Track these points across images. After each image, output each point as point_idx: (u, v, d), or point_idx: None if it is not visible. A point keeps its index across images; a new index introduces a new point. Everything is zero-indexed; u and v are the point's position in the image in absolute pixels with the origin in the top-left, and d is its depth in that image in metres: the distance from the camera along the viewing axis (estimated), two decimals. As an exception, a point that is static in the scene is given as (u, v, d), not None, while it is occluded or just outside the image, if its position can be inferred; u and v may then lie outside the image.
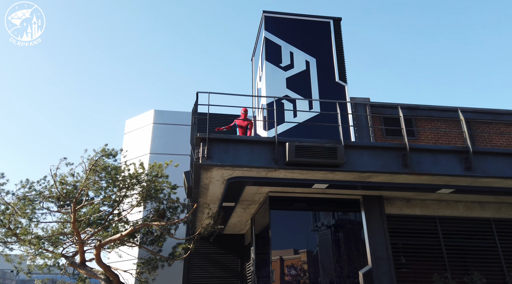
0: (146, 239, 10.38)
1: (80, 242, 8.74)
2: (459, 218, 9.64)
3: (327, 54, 10.89)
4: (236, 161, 7.42)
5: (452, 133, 10.60)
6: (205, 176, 7.87)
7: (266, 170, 7.67)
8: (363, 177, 8.13)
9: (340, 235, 9.04)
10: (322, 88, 10.39)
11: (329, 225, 9.15)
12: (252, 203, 9.97)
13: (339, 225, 9.20)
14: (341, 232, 9.09)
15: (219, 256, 13.58)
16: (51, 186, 9.52)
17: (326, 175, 7.97)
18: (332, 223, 9.18)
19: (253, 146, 7.66)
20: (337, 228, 9.13)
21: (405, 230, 9.38)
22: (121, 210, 10.02)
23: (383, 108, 10.58)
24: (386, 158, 7.96)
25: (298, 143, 7.52)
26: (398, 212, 9.45)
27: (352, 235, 9.06)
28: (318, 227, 9.15)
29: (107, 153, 8.61)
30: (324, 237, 8.99)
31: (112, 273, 9.04)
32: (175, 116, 15.66)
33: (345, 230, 9.14)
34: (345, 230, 9.14)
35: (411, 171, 7.87)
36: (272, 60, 10.55)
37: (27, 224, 8.73)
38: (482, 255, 9.40)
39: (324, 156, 7.53)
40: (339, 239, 8.98)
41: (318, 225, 9.19)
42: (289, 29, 11.06)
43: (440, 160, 8.09)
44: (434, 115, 10.73)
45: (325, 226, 9.14)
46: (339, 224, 9.22)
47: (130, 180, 9.20)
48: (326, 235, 9.02)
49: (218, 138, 7.51)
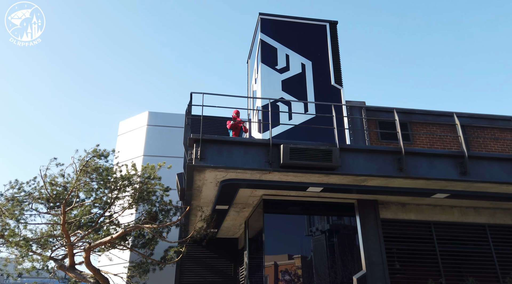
0: (137, 242, 10.20)
1: (70, 244, 8.55)
2: (454, 223, 9.57)
3: (323, 57, 10.83)
4: (229, 163, 7.30)
5: (448, 138, 10.56)
6: (198, 177, 7.74)
7: (260, 172, 7.55)
8: (358, 181, 8.04)
9: (334, 240, 8.93)
10: (318, 91, 10.32)
11: (323, 229, 9.04)
12: (246, 206, 9.85)
13: (333, 229, 9.09)
14: (336, 236, 8.99)
15: (212, 260, 13.40)
16: (40, 187, 9.34)
17: (321, 178, 7.87)
18: (326, 228, 9.07)
19: (247, 148, 7.55)
20: (332, 233, 9.02)
21: (400, 235, 9.28)
22: (113, 212, 9.86)
23: (379, 112, 10.52)
24: (382, 161, 7.88)
25: (292, 145, 7.42)
26: (393, 216, 9.36)
27: (347, 240, 8.95)
28: (312, 232, 9.04)
29: (99, 154, 8.46)
30: (319, 242, 8.88)
31: (102, 277, 8.85)
32: (169, 118, 15.53)
33: (339, 234, 9.04)
34: (340, 235, 9.03)
35: (406, 174, 7.79)
36: (267, 63, 10.47)
37: (15, 225, 8.53)
38: (477, 260, 9.33)
39: (319, 159, 7.43)
40: (334, 244, 8.86)
41: (312, 229, 9.07)
42: (285, 31, 11.00)
43: (436, 164, 8.02)
44: (430, 120, 10.69)
45: (320, 230, 9.03)
46: (334, 228, 9.11)
47: (122, 181, 9.05)
48: (320, 240, 8.90)
49: (211, 139, 7.39)
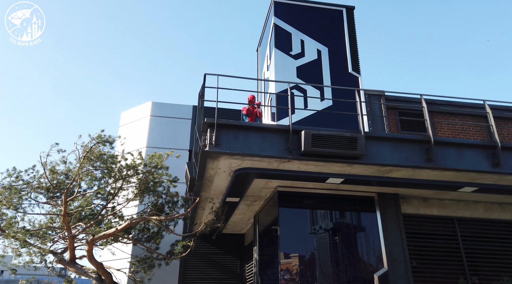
0: (142, 235, 9.62)
1: (71, 236, 7.97)
2: (479, 219, 9.04)
3: (339, 43, 10.27)
4: (246, 149, 6.74)
5: (470, 130, 10.02)
6: (211, 166, 7.17)
7: (278, 160, 6.99)
8: (382, 171, 7.49)
9: (352, 235, 8.38)
10: (334, 79, 9.76)
11: (340, 223, 8.50)
12: (258, 199, 9.29)
13: (351, 224, 8.55)
14: (354, 231, 8.44)
15: (217, 257, 12.85)
16: (40, 176, 8.77)
17: (342, 168, 7.32)
18: (344, 222, 8.53)
19: (264, 134, 6.99)
20: (350, 227, 8.47)
21: (422, 230, 8.74)
22: (116, 203, 9.28)
23: (399, 102, 9.97)
24: (409, 150, 7.33)
25: (315, 132, 6.86)
26: (414, 211, 8.82)
27: (366, 235, 8.40)
28: (328, 226, 8.49)
29: (104, 140, 7.88)
30: (335, 237, 8.33)
31: (105, 271, 8.29)
32: (174, 109, 14.93)
33: (358, 229, 8.48)
34: (358, 230, 8.47)
35: (435, 165, 7.25)
36: (282, 48, 9.90)
37: (13, 215, 7.95)
38: (503, 259, 8.79)
39: (343, 146, 6.88)
40: (352, 239, 8.31)
41: (328, 223, 8.53)
42: (300, 16, 10.43)
43: (466, 155, 7.48)
44: (452, 110, 10.15)
45: (336, 225, 8.48)
46: (352, 223, 8.57)
47: (127, 170, 8.48)
48: (337, 235, 8.35)
49: (227, 124, 6.83)
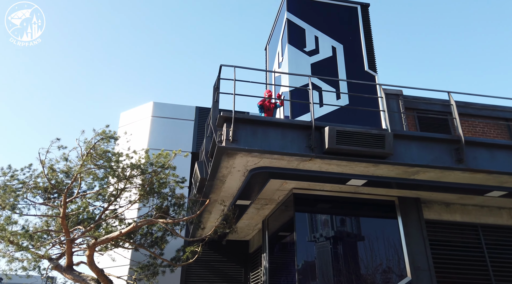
0: (144, 240, 9.00)
1: (69, 240, 7.35)
2: (503, 226, 8.57)
3: (355, 41, 9.84)
4: (265, 146, 6.21)
5: (491, 133, 9.60)
6: (225, 164, 6.62)
7: (299, 159, 6.47)
8: (409, 173, 7.00)
9: (372, 241, 7.84)
10: (350, 77, 9.30)
11: (360, 229, 7.97)
12: (269, 203, 8.74)
13: (371, 229, 8.01)
14: (374, 237, 7.90)
15: (220, 264, 12.22)
16: (37, 175, 8.17)
17: (367, 169, 6.82)
18: (363, 227, 8.00)
19: (285, 130, 6.47)
20: (369, 233, 7.93)
21: (445, 237, 8.24)
22: (118, 206, 8.68)
23: (417, 102, 9.52)
24: (438, 151, 6.85)
25: (340, 128, 6.36)
26: (436, 217, 8.33)
27: (386, 242, 7.87)
28: (347, 231, 7.96)
29: (108, 136, 7.30)
30: (354, 243, 7.80)
31: (106, 279, 7.66)
32: (176, 110, 14.37)
33: (378, 235, 7.95)
34: (379, 236, 7.94)
35: (466, 166, 6.77)
36: (295, 44, 9.44)
37: (9, 215, 7.31)
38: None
39: (370, 145, 6.38)
40: (372, 246, 7.78)
41: (347, 228, 8.00)
42: (313, 12, 9.99)
43: (498, 156, 7.02)
44: (471, 112, 9.73)
45: (356, 230, 7.96)
46: (371, 228, 8.03)
47: (131, 170, 7.89)
48: (355, 241, 7.82)
49: (245, 118, 6.31)
